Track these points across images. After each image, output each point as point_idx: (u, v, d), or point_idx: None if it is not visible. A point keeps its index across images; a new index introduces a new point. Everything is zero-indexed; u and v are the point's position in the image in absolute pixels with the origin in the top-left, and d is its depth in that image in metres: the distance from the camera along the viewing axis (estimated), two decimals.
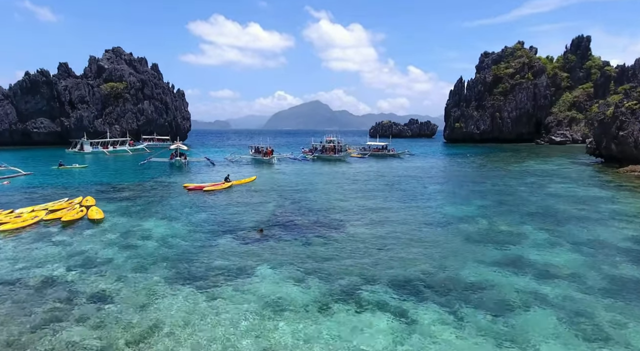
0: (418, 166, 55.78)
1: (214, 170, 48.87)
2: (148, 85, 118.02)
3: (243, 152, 75.59)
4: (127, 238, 18.70)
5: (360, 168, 52.28)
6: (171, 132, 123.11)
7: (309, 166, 54.73)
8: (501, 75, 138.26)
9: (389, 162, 63.08)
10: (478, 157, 73.68)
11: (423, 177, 42.30)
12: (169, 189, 33.40)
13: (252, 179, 37.27)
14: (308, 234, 19.36)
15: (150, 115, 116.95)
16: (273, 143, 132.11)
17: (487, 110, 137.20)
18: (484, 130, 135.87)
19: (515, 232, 20.07)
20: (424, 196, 30.49)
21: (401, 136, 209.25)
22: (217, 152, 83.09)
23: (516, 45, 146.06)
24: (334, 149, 66.60)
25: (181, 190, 32.57)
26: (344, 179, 40.54)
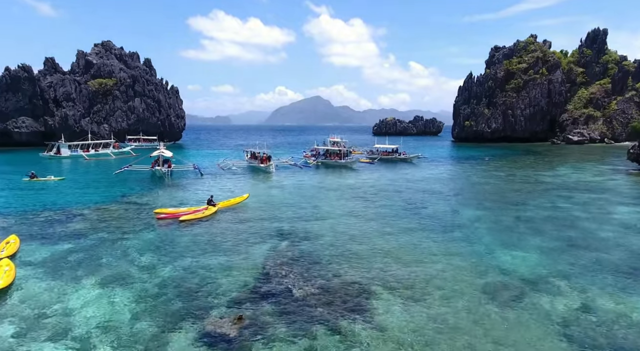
0: (436, 175, 48.76)
1: (201, 182, 41.93)
2: (139, 81, 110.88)
3: (238, 156, 68.47)
4: (22, 337, 11.71)
5: (370, 179, 45.29)
6: (164, 131, 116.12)
7: (311, 176, 47.76)
8: (513, 71, 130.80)
9: (401, 168, 56.06)
10: (498, 161, 66.56)
11: (448, 194, 35.28)
12: (136, 216, 26.44)
13: (242, 199, 30.28)
14: (314, 324, 12.37)
15: (141, 114, 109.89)
16: (273, 143, 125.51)
17: (499, 107, 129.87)
18: (495, 128, 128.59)
19: (625, 312, 13.09)
20: (461, 230, 23.49)
21: (406, 134, 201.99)
22: (209, 156, 76.06)
23: (528, 38, 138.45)
24: (339, 154, 59.56)
25: (151, 218, 25.65)
26: (354, 197, 33.57)
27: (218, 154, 79.54)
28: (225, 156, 73.47)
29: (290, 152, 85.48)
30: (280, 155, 75.04)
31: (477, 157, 75.68)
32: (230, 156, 74.30)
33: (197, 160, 66.65)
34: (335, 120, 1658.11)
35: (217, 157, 74.34)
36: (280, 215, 26.46)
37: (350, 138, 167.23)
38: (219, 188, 38.00)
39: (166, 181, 40.39)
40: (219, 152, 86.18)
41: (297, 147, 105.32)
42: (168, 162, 48.66)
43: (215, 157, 73.08)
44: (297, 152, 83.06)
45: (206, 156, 76.23)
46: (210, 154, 79.96)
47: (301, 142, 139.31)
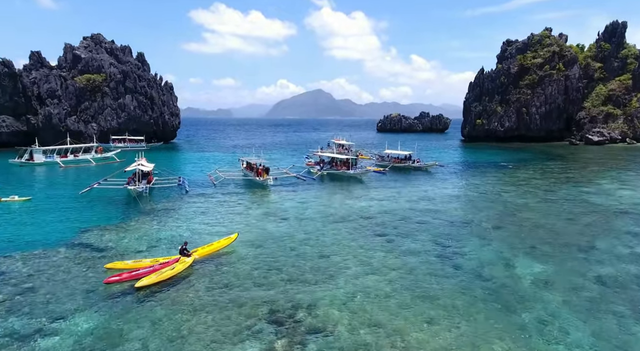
0: (461, 193, 41.86)
1: (185, 204, 35.12)
2: (130, 77, 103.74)
3: (233, 163, 61.51)
4: None
5: (385, 199, 38.38)
6: (157, 130, 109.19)
7: (315, 194, 40.85)
8: (528, 66, 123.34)
9: (417, 181, 49.11)
10: (524, 170, 59.50)
11: (486, 227, 28.38)
12: (82, 273, 19.64)
13: (229, 241, 23.44)
14: None
15: (132, 112, 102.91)
16: (272, 143, 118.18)
17: (512, 105, 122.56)
18: (509, 127, 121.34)
19: None
20: (528, 308, 16.66)
21: (411, 130, 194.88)
22: (203, 161, 69.13)
23: (543, 31, 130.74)
24: (346, 163, 52.61)
25: (101, 275, 18.88)
26: (370, 234, 26.76)
27: (213, 159, 72.63)
28: (219, 162, 66.59)
29: (291, 155, 78.49)
30: (280, 160, 68.17)
31: (497, 163, 68.62)
32: (225, 161, 67.43)
33: (188, 167, 59.85)
34: (336, 113, 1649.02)
35: (212, 162, 67.47)
36: (276, 275, 19.57)
37: (354, 136, 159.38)
38: (203, 214, 31.19)
39: (141, 205, 33.41)
40: (214, 156, 79.21)
41: (298, 149, 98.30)
42: (148, 177, 41.77)
43: (209, 163, 66.21)
44: (298, 156, 76.11)
45: (199, 161, 69.35)
46: (204, 159, 73.02)
47: (303, 141, 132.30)
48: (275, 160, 68.41)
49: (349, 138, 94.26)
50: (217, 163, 64.95)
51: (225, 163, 65.09)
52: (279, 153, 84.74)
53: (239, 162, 53.18)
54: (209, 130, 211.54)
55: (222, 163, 65.14)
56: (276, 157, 76.57)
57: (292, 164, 59.89)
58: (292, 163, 60.97)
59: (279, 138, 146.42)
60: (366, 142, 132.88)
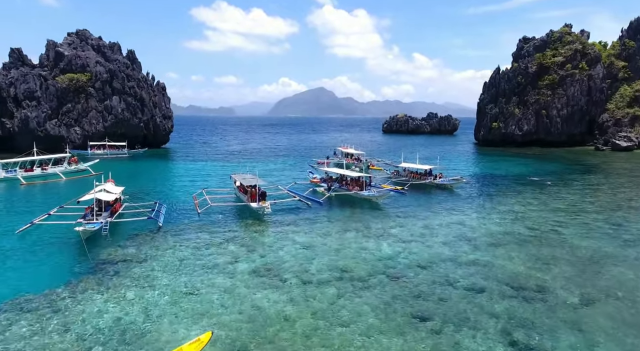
0: (504, 226, 33.34)
1: (153, 246, 26.76)
2: (118, 76, 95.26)
3: (224, 179, 53.06)
4: None
5: (412, 238, 30.06)
6: (148, 134, 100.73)
7: (322, 229, 32.35)
8: (548, 65, 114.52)
9: (445, 205, 40.64)
10: (565, 187, 50.90)
11: (569, 298, 19.89)
12: None
13: (198, 348, 14.89)
14: None
15: (120, 114, 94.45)
16: (273, 147, 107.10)
17: (531, 107, 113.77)
18: (527, 131, 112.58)
19: None
20: None
21: (418, 132, 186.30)
22: (192, 174, 60.64)
23: (563, 28, 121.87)
24: (358, 181, 44.15)
25: None
26: (401, 304, 18.66)
27: (204, 170, 64.12)
28: (210, 176, 58.12)
29: (292, 166, 69.91)
30: (280, 174, 59.68)
31: (527, 176, 60.07)
32: (217, 174, 58.94)
33: (172, 183, 51.38)
34: (338, 111, 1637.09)
35: (202, 174, 59.05)
36: None
37: (359, 140, 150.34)
38: (171, 274, 22.75)
39: (89, 257, 24.90)
40: (206, 166, 70.68)
41: (301, 156, 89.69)
42: (114, 205, 33.34)
43: (198, 176, 57.80)
44: (301, 167, 67.58)
45: (187, 174, 60.92)
46: (194, 170, 64.52)
47: (305, 145, 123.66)
48: (273, 174, 60.02)
49: (357, 146, 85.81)
50: (207, 178, 56.52)
51: (217, 177, 56.67)
52: (279, 162, 76.19)
53: (232, 180, 44.63)
54: (207, 131, 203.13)
55: (214, 177, 56.71)
56: (275, 168, 68.08)
57: (293, 180, 51.35)
58: (294, 179, 52.40)
59: (279, 141, 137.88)
60: (372, 145, 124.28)
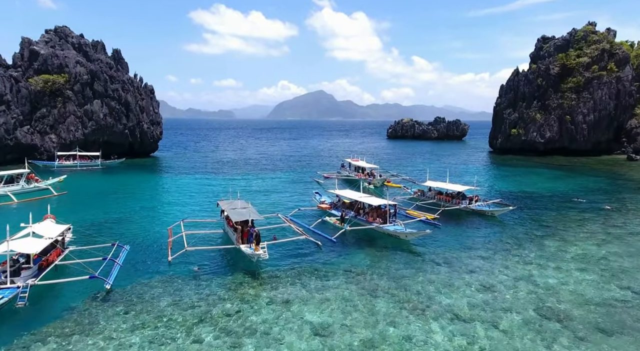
0: (597, 288, 23.93)
1: (88, 330, 17.15)
2: (100, 78, 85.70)
3: (209, 205, 43.26)
4: None
5: (467, 302, 21.07)
6: (134, 142, 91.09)
7: (339, 291, 22.79)
8: (572, 66, 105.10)
9: (500, 246, 31.02)
10: (628, 213, 41.29)
11: None
12: None
13: None
14: None
15: (102, 120, 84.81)
16: (270, 156, 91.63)
17: (553, 111, 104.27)
18: (550, 138, 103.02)
19: None
20: None
21: (425, 138, 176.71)
22: (168, 196, 50.90)
23: (587, 26, 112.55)
24: (379, 210, 34.54)
25: None
26: None
27: (189, 189, 54.34)
28: (195, 197, 48.33)
29: (295, 185, 60.12)
30: (279, 196, 49.91)
31: (570, 196, 50.52)
32: (203, 194, 49.14)
33: (146, 209, 41.66)
34: (338, 114, 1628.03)
35: (186, 196, 49.31)
36: None
37: (364, 146, 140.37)
38: None
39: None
40: (194, 182, 60.89)
41: (304, 169, 79.93)
42: (48, 255, 23.65)
43: (183, 195, 48.14)
44: (305, 186, 57.86)
45: (171, 191, 51.26)
46: (179, 187, 54.80)
47: (307, 154, 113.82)
48: (272, 193, 50.29)
49: (364, 155, 76.27)
50: (192, 198, 46.82)
51: (205, 197, 46.99)
52: (278, 176, 66.40)
53: (220, 211, 34.93)
54: (203, 136, 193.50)
55: (201, 198, 47.03)
56: (273, 184, 58.32)
57: (297, 207, 41.62)
58: (297, 204, 42.69)
59: (278, 148, 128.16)
60: (379, 153, 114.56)
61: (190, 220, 34.18)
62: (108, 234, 31.91)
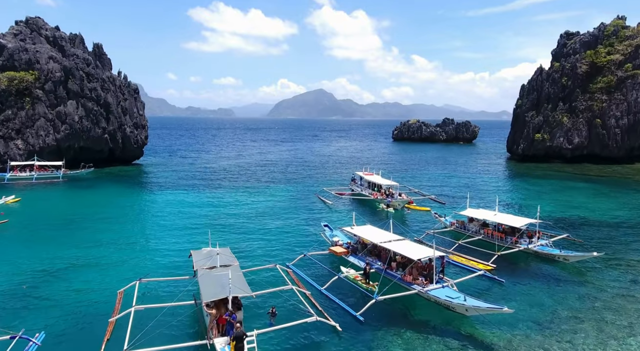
0: None
1: None
2: (76, 75, 75.50)
3: (187, 240, 33.04)
4: None
5: None
6: (115, 148, 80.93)
7: None
8: (602, 64, 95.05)
9: (579, 313, 21.13)
10: None
11: None
12: None
13: None
14: None
15: (77, 123, 74.66)
16: (268, 165, 77.47)
17: (582, 114, 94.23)
18: (579, 144, 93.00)
19: None
20: None
21: (433, 140, 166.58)
22: (137, 222, 40.72)
23: (617, 21, 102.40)
24: (421, 267, 24.37)
25: None
26: None
27: (166, 211, 44.10)
28: (167, 234, 38.08)
29: (295, 201, 49.87)
30: (275, 222, 39.63)
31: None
32: (185, 223, 38.85)
33: (96, 252, 31.58)
34: (338, 113, 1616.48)
35: (161, 223, 39.14)
36: None
37: (369, 151, 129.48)
38: None
39: None
40: (175, 200, 50.68)
41: (306, 180, 69.67)
42: None
43: (153, 227, 38.00)
44: (307, 205, 47.64)
45: (139, 220, 41.14)
46: (152, 212, 44.60)
47: (308, 160, 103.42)
48: (267, 226, 39.46)
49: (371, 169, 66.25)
50: (165, 236, 36.53)
51: (180, 234, 36.81)
52: (274, 194, 55.52)
53: (190, 259, 24.64)
54: (197, 138, 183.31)
55: (173, 235, 36.80)
56: (268, 207, 47.69)
57: (299, 245, 31.47)
58: (302, 247, 32.39)
59: (276, 154, 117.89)
60: (388, 159, 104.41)
61: (149, 279, 23.98)
62: (32, 306, 21.85)
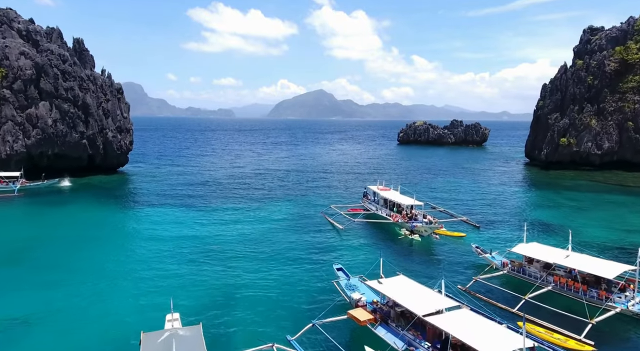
0: None
1: None
2: (49, 73, 66.97)
3: (156, 290, 24.44)
4: None
5: None
6: (95, 155, 72.29)
7: None
8: (633, 62, 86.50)
9: None
10: None
11: None
12: None
13: None
14: None
15: (51, 128, 66.13)
16: (265, 171, 70.16)
17: (611, 117, 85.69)
18: (608, 149, 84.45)
19: None
20: None
21: (441, 143, 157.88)
22: (94, 261, 32.11)
23: None
24: None
25: None
26: None
27: (138, 241, 35.48)
28: (139, 277, 29.46)
29: (298, 228, 41.10)
30: (274, 251, 30.93)
31: None
32: (157, 271, 30.21)
33: (51, 303, 22.91)
34: (338, 114, 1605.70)
35: (127, 261, 30.59)
36: None
37: (377, 157, 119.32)
38: None
39: None
40: (153, 223, 42.01)
41: (308, 192, 61.09)
42: None
43: (115, 269, 29.46)
44: (313, 229, 38.96)
45: (96, 260, 32.58)
46: (119, 242, 36.04)
47: (310, 167, 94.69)
48: (260, 286, 29.17)
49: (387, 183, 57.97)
50: (128, 288, 27.90)
51: (149, 276, 28.20)
52: (273, 218, 45.64)
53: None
54: (192, 141, 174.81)
55: (144, 281, 28.19)
56: (264, 238, 38.38)
57: (304, 299, 22.86)
58: (304, 289, 23.74)
59: (275, 160, 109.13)
60: (394, 166, 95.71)
61: None
62: None
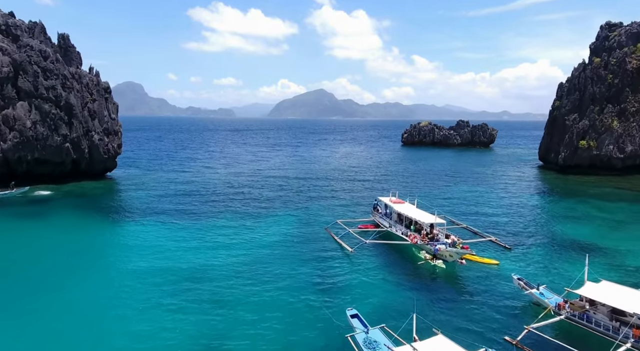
0: None
1: None
2: (28, 71, 61.44)
3: None
4: None
5: None
6: (80, 160, 66.68)
7: None
8: None
9: None
10: None
11: None
12: None
13: None
14: None
15: (30, 130, 60.61)
16: (262, 177, 61.62)
17: (633, 118, 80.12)
18: (631, 152, 78.91)
19: None
20: None
21: (447, 144, 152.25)
22: (41, 307, 26.47)
23: None
24: None
25: None
26: None
27: (116, 284, 29.93)
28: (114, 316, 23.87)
29: (301, 253, 35.45)
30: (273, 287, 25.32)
31: None
32: (136, 310, 24.67)
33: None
34: (338, 113, 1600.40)
35: (105, 308, 25.01)
36: None
37: (382, 160, 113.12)
38: None
39: None
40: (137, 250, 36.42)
41: (312, 204, 55.45)
42: None
43: (88, 323, 23.92)
44: (317, 256, 33.37)
45: (64, 313, 27.02)
46: (93, 283, 30.44)
47: (312, 174, 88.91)
48: (252, 315, 24.58)
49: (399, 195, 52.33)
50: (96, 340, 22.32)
51: (127, 315, 22.59)
52: (272, 237, 39.93)
53: None
54: (189, 142, 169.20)
55: (118, 320, 22.61)
56: (260, 269, 33.13)
57: None
58: None
59: (274, 164, 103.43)
60: (399, 168, 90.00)
61: None
62: None
